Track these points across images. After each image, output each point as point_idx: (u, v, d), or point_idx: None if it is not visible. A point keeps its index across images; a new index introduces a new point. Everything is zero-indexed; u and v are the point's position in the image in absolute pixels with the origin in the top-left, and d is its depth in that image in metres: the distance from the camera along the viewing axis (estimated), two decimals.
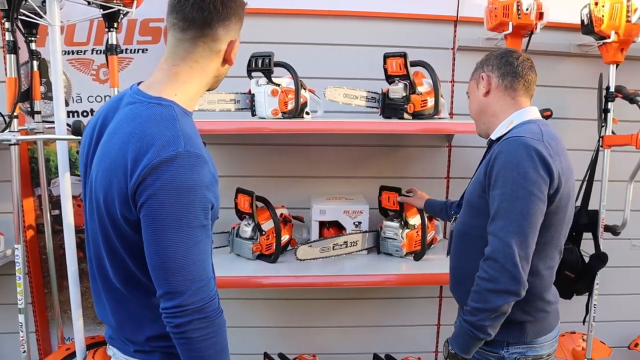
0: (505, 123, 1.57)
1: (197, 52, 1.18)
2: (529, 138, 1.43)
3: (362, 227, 2.27)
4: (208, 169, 1.11)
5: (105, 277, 1.24)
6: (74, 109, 2.46)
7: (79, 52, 2.44)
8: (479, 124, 1.69)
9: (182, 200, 1.06)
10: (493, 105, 1.61)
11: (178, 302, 1.09)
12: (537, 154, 1.40)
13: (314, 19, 2.42)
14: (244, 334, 2.65)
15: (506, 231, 1.39)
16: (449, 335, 1.57)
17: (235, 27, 1.20)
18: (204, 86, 1.24)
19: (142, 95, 1.16)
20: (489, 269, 1.40)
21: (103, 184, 1.14)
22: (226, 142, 2.47)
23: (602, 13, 2.22)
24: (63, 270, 2.36)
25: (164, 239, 1.07)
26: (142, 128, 1.10)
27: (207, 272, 1.12)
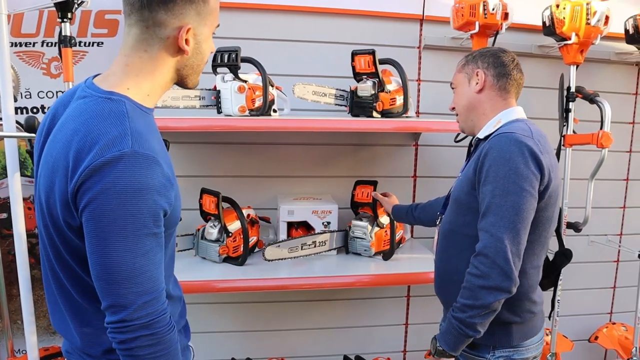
0: (493, 122, 1.57)
1: (143, 40, 1.08)
2: (520, 134, 1.42)
3: (331, 227, 2.23)
4: (160, 171, 1.01)
5: (60, 285, 1.14)
6: (22, 105, 2.30)
7: (27, 44, 2.28)
8: (466, 120, 1.66)
9: (126, 206, 0.96)
10: (484, 104, 1.60)
11: (122, 316, 1.00)
12: (528, 150, 1.39)
13: (281, 14, 2.36)
14: (210, 340, 2.55)
15: (498, 227, 1.37)
16: (417, 334, 1.56)
17: (184, 11, 1.08)
18: (163, 80, 1.13)
19: (94, 89, 1.07)
20: (480, 264, 1.39)
21: (45, 185, 1.05)
22: (190, 140, 2.37)
23: (563, 15, 2.26)
24: (12, 277, 2.21)
25: (106, 248, 0.98)
26: (87, 125, 1.00)
27: (156, 284, 1.03)
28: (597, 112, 2.32)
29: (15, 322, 2.38)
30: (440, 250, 1.66)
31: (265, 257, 2.01)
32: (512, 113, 1.57)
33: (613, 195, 2.83)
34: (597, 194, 2.46)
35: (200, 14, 1.11)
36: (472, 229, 1.47)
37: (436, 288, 1.69)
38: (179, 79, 1.17)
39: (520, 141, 1.40)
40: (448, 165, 2.56)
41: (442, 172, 2.59)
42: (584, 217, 2.40)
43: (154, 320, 1.02)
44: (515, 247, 1.37)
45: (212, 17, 1.15)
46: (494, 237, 1.37)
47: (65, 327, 1.17)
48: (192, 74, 1.17)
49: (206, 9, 1.12)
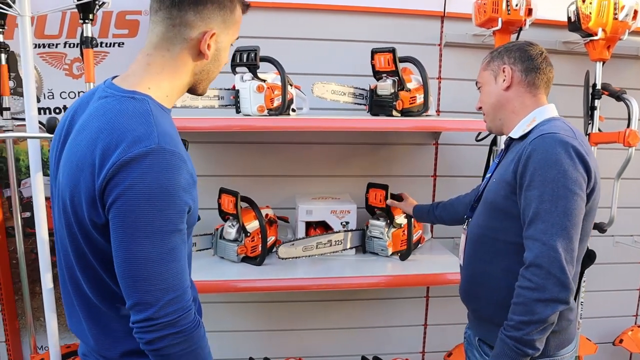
0: (527, 120, 1.49)
1: (167, 38, 1.09)
2: (564, 135, 1.35)
3: (349, 226, 2.21)
4: (186, 168, 1.02)
5: (77, 287, 1.15)
6: (45, 106, 2.34)
7: (50, 46, 2.31)
8: (493, 120, 1.59)
9: (153, 202, 0.96)
10: (513, 101, 1.52)
11: (148, 314, 0.99)
12: (575, 151, 1.32)
13: (300, 13, 2.35)
14: (228, 339, 2.57)
15: (550, 234, 1.29)
16: (436, 335, 1.52)
17: (212, 15, 1.10)
18: (181, 82, 1.14)
19: (115, 89, 1.07)
20: (533, 276, 1.29)
21: (69, 184, 1.05)
22: (208, 140, 2.38)
23: (589, 10, 2.21)
24: (35, 275, 2.24)
25: (133, 244, 0.98)
26: (112, 123, 1.00)
27: (181, 281, 1.02)
28: (623, 109, 2.26)
29: (38, 319, 2.43)
30: (470, 255, 1.58)
31: (278, 255, 2.01)
32: (546, 111, 1.49)
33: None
34: (623, 193, 2.40)
35: (226, 22, 1.13)
36: (510, 235, 1.41)
37: (462, 294, 1.63)
38: (194, 84, 1.17)
39: (566, 142, 1.33)
40: (469, 164, 2.52)
41: (462, 171, 2.55)
42: (609, 218, 2.34)
43: (180, 317, 1.02)
44: (569, 255, 1.30)
45: (235, 28, 1.17)
46: (547, 245, 1.29)
47: (82, 332, 1.18)
48: (206, 79, 1.18)
49: (232, 18, 1.14)
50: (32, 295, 2.38)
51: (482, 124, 1.98)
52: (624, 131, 2.19)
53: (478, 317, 1.58)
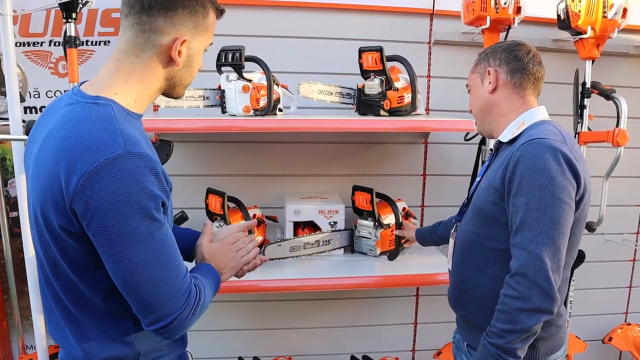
0: (516, 124, 1.46)
1: (136, 44, 1.08)
2: (553, 140, 1.32)
3: (338, 226, 2.20)
4: (157, 170, 1.01)
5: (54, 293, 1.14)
6: (31, 105, 2.32)
7: (35, 44, 2.28)
8: (482, 123, 1.56)
9: (133, 208, 0.96)
10: (500, 104, 1.49)
11: (162, 324, 1.04)
12: (563, 157, 1.30)
13: (286, 11, 2.32)
14: (217, 338, 2.56)
15: (536, 243, 1.27)
16: (426, 334, 1.51)
17: (183, 22, 1.08)
18: (151, 88, 1.12)
19: (80, 95, 1.06)
20: (518, 285, 1.28)
21: (38, 195, 1.04)
22: (195, 140, 2.37)
23: (578, 8, 2.19)
24: (23, 275, 2.23)
25: (125, 252, 0.97)
26: (75, 131, 0.99)
27: (180, 278, 1.05)
28: (613, 107, 2.25)
29: (27, 319, 2.42)
30: (458, 261, 1.56)
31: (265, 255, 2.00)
32: (536, 114, 1.46)
33: (629, 193, 2.75)
34: (612, 191, 2.39)
35: (198, 28, 1.12)
36: (499, 242, 1.39)
37: (451, 300, 1.61)
38: (166, 89, 1.16)
39: (554, 147, 1.30)
40: (458, 163, 2.51)
41: (452, 170, 2.54)
42: (598, 217, 2.33)
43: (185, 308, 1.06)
44: (555, 265, 1.28)
45: (208, 34, 1.16)
46: (533, 254, 1.27)
47: (62, 338, 1.17)
48: (179, 85, 1.17)
49: (204, 24, 1.13)
50: (21, 294, 2.37)
51: (470, 124, 1.99)
52: (612, 130, 2.18)
53: (467, 322, 1.56)
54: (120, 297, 1.06)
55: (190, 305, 1.07)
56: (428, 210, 2.58)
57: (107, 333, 1.12)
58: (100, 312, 1.09)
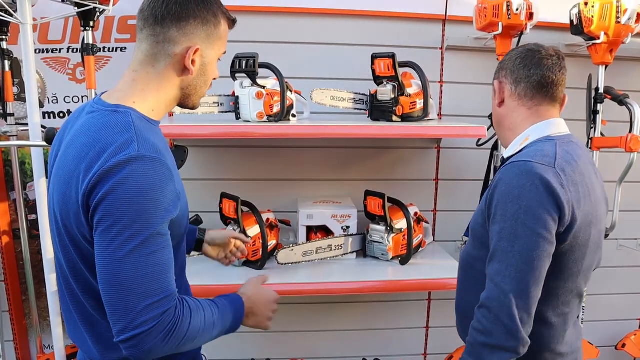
0: (520, 139, 1.35)
1: (152, 55, 1.12)
2: (536, 163, 1.21)
3: (350, 231, 2.22)
4: (169, 174, 1.04)
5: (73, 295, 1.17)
6: (50, 110, 2.37)
7: (54, 51, 2.34)
8: (500, 137, 1.49)
9: (132, 205, 0.98)
10: (508, 117, 1.39)
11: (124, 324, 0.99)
12: (543, 184, 1.18)
13: (299, 17, 2.35)
14: (230, 340, 2.56)
15: (503, 276, 1.18)
16: (438, 338, 1.47)
17: (196, 31, 1.12)
18: (167, 97, 1.16)
19: (101, 104, 1.11)
20: (482, 318, 1.21)
21: (59, 199, 1.08)
22: (209, 144, 2.40)
23: (591, 13, 2.19)
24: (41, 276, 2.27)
25: (111, 248, 0.99)
26: (95, 137, 1.04)
27: (163, 286, 1.02)
28: (626, 113, 2.24)
29: (45, 319, 2.47)
30: (459, 282, 1.50)
31: (278, 260, 2.02)
32: (542, 128, 1.33)
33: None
34: (627, 196, 2.38)
35: (210, 37, 1.15)
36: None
37: (457, 325, 1.52)
38: (182, 98, 1.19)
39: (534, 172, 1.19)
40: (471, 168, 2.52)
41: (465, 175, 2.55)
42: (611, 223, 2.32)
43: (158, 324, 1.00)
44: (523, 302, 1.17)
45: (220, 43, 1.19)
46: (498, 288, 1.18)
47: (80, 338, 1.21)
48: (194, 94, 1.20)
49: (216, 33, 1.16)
50: (39, 295, 2.42)
51: (482, 130, 2.00)
52: (625, 136, 2.17)
53: None
54: None
55: (162, 326, 1.01)
56: (440, 215, 2.59)
57: None
58: None
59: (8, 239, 2.43)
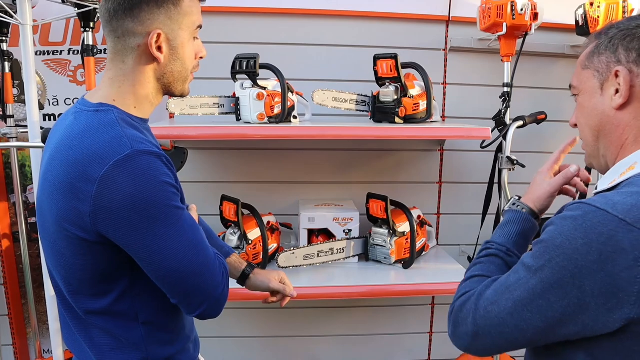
0: (623, 165, 0.93)
1: (118, 51, 1.08)
2: (615, 216, 0.81)
3: (352, 234, 2.19)
4: (167, 166, 1.03)
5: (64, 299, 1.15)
6: (50, 112, 2.36)
7: (54, 53, 2.33)
8: (593, 152, 1.02)
9: (156, 203, 0.99)
10: (627, 128, 0.94)
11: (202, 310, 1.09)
12: (599, 252, 0.81)
13: (301, 18, 2.33)
14: (230, 345, 2.56)
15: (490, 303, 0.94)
16: (442, 344, 1.35)
17: (152, 16, 1.05)
18: (146, 91, 1.11)
19: (84, 104, 1.08)
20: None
21: (50, 204, 1.04)
22: (209, 146, 2.38)
23: (597, 14, 2.16)
24: (41, 280, 2.25)
25: (161, 249, 1.01)
26: (81, 140, 1.00)
27: (211, 255, 1.08)
28: None
29: (44, 324, 2.45)
30: None
31: (278, 264, 1.99)
32: None
33: None
34: None
35: (172, 18, 1.08)
36: None
37: None
38: (164, 88, 1.15)
39: (599, 232, 0.81)
40: (475, 171, 2.49)
41: (468, 178, 2.52)
42: None
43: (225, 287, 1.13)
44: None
45: (188, 20, 1.11)
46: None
47: (75, 345, 1.18)
48: (175, 81, 1.14)
49: (178, 11, 1.08)
50: (38, 299, 2.40)
51: (486, 132, 1.97)
52: None
53: None
54: (130, 301, 1.08)
55: (226, 280, 1.12)
56: (444, 218, 2.56)
57: (117, 338, 1.12)
58: (109, 319, 1.10)
59: (8, 242, 2.41)
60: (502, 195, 2.24)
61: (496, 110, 2.26)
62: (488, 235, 2.33)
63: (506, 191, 2.21)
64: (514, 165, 2.20)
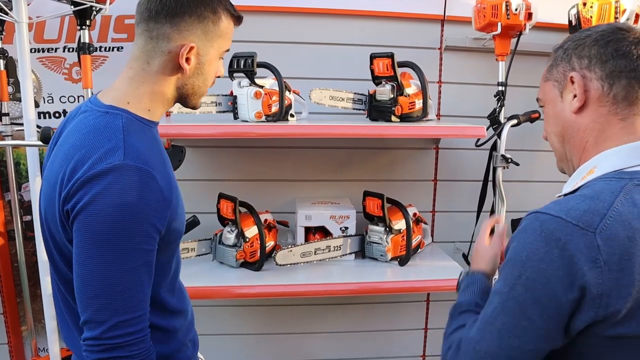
0: (585, 169, 0.96)
1: (146, 51, 1.08)
2: (566, 221, 0.85)
3: (349, 232, 2.21)
4: (155, 185, 0.99)
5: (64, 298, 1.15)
6: (45, 110, 2.34)
7: (49, 50, 2.31)
8: (562, 157, 1.06)
9: (112, 220, 0.95)
10: (587, 132, 0.97)
11: (96, 333, 0.96)
12: (562, 258, 0.84)
13: (298, 17, 2.34)
14: (227, 342, 2.57)
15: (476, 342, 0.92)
16: (437, 339, 1.32)
17: (191, 28, 1.07)
18: (163, 96, 1.12)
19: (95, 104, 1.08)
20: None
21: (45, 202, 1.06)
22: (207, 144, 2.38)
23: (590, 14, 2.18)
24: (36, 278, 2.24)
25: (87, 259, 0.96)
26: (83, 140, 1.01)
27: (138, 304, 0.99)
28: None
29: (40, 322, 2.44)
30: None
31: (276, 261, 2.01)
32: (628, 154, 0.92)
33: None
34: None
35: (208, 35, 1.10)
36: None
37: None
38: (180, 98, 1.15)
39: (555, 237, 0.84)
40: (470, 169, 2.51)
41: (463, 175, 2.54)
42: None
43: (130, 342, 0.98)
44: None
45: (221, 40, 1.13)
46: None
47: (73, 342, 1.18)
48: (193, 95, 1.16)
49: (215, 30, 1.11)
50: (34, 298, 2.39)
51: (480, 130, 1.99)
52: None
53: None
54: None
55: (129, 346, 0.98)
56: (439, 215, 2.58)
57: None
58: None
59: (3, 241, 2.40)
60: (497, 193, 2.27)
61: (490, 108, 2.28)
62: None
63: (500, 189, 2.23)
64: (508, 164, 2.22)
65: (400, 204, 2.20)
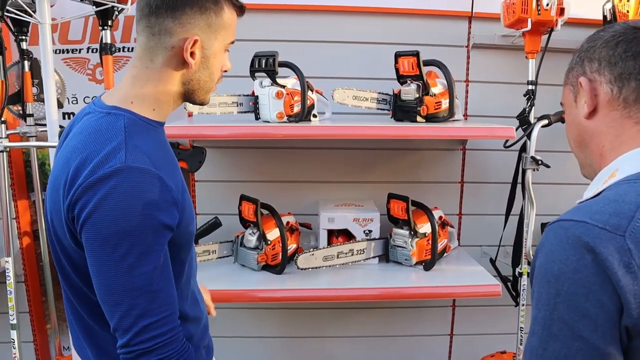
0: (606, 173, 0.91)
1: (149, 48, 1.05)
2: (593, 225, 0.79)
3: (372, 235, 2.16)
4: (160, 184, 0.97)
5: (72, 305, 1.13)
6: (69, 110, 2.36)
7: (74, 51, 2.33)
8: (583, 163, 1.02)
9: (120, 222, 0.93)
10: (601, 136, 0.94)
11: (124, 341, 0.96)
12: (596, 262, 0.77)
13: (320, 15, 2.30)
14: (247, 346, 2.55)
15: None
16: (463, 346, 1.24)
17: (193, 21, 1.03)
18: (168, 94, 1.09)
19: (98, 105, 1.05)
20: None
21: (50, 203, 1.04)
22: (228, 145, 2.36)
23: (627, 8, 2.08)
24: None
25: (104, 267, 0.95)
26: (84, 142, 0.98)
27: (162, 305, 0.98)
28: None
29: (64, 321, 2.46)
30: None
31: (297, 265, 1.97)
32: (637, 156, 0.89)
33: None
34: None
35: (212, 27, 1.06)
36: None
37: None
38: (186, 94, 1.12)
39: (583, 242, 0.78)
40: (498, 170, 2.44)
41: (491, 177, 2.46)
42: None
43: (159, 345, 0.97)
44: None
45: (225, 32, 1.09)
46: None
47: (81, 348, 1.17)
48: (199, 90, 1.12)
49: (219, 22, 1.07)
50: (59, 297, 2.41)
51: (510, 131, 1.92)
52: None
53: None
54: None
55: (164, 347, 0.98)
56: (466, 218, 2.51)
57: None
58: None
59: (29, 240, 2.43)
60: (526, 195, 2.19)
61: (520, 108, 2.20)
62: (511, 236, 2.30)
63: (530, 192, 2.16)
64: (538, 166, 2.14)
65: (426, 207, 2.14)
